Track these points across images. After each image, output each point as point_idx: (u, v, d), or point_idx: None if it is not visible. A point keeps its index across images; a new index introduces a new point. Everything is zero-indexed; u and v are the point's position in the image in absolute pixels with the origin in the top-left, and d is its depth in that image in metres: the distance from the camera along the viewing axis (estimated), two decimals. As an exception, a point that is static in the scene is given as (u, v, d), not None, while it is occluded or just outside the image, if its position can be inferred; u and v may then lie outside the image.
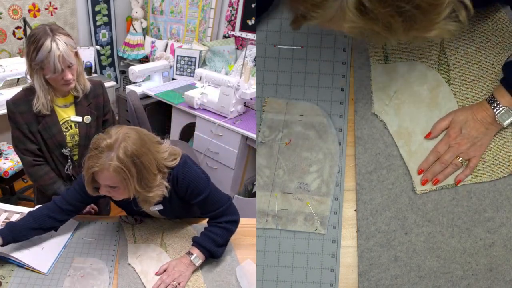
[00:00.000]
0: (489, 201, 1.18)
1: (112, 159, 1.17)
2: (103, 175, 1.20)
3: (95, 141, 1.21)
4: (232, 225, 1.38)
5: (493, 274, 1.17)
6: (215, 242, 1.34)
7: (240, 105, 2.78)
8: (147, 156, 1.23)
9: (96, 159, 1.18)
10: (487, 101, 1.13)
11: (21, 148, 1.61)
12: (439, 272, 1.17)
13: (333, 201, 1.20)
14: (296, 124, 1.22)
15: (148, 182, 1.24)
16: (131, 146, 1.19)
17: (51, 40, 1.43)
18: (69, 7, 3.75)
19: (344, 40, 1.23)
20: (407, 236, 1.18)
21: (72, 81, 1.52)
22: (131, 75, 3.45)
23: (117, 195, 1.28)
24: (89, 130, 1.66)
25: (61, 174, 1.68)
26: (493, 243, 1.17)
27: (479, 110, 1.14)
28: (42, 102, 1.53)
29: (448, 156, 1.16)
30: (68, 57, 1.46)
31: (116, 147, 1.18)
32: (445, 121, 1.17)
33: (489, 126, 1.13)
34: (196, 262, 1.32)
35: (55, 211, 1.39)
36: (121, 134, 1.21)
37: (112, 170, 1.17)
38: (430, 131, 1.19)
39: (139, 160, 1.20)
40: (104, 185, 1.24)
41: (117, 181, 1.21)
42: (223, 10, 3.63)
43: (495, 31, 1.20)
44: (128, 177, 1.19)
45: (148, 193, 1.26)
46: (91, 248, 1.41)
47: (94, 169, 1.19)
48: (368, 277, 1.18)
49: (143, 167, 1.21)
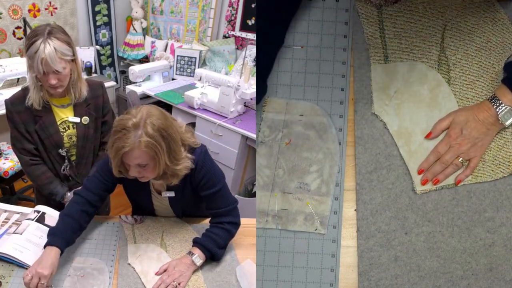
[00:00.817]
0: (489, 201, 1.18)
1: (142, 135, 1.18)
2: (134, 153, 1.20)
3: (120, 123, 1.21)
4: (233, 227, 1.39)
5: (493, 274, 1.17)
6: (216, 243, 1.34)
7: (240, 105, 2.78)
8: (172, 128, 1.26)
9: (125, 139, 1.19)
10: (489, 100, 1.13)
11: (19, 147, 1.61)
12: (439, 272, 1.17)
13: (333, 201, 1.20)
14: (296, 124, 1.22)
15: (176, 154, 1.26)
16: (157, 120, 1.21)
17: (42, 41, 1.41)
18: (69, 7, 3.75)
19: (344, 40, 1.23)
20: (407, 236, 1.18)
21: (58, 86, 1.49)
22: (131, 75, 3.45)
23: (147, 174, 1.28)
24: (87, 131, 1.66)
25: (58, 174, 1.68)
26: (493, 243, 1.17)
27: (481, 110, 1.14)
28: (33, 97, 1.53)
29: (449, 156, 1.16)
30: (52, 63, 1.42)
31: (142, 124, 1.19)
32: (445, 121, 1.17)
33: (491, 126, 1.13)
34: (197, 262, 1.32)
35: (84, 204, 1.39)
36: (144, 112, 1.22)
37: (144, 146, 1.19)
38: (431, 131, 1.19)
39: (167, 133, 1.22)
40: (134, 165, 1.24)
41: (148, 158, 1.22)
42: (223, 10, 3.63)
43: (495, 32, 1.20)
44: (159, 151, 1.21)
45: (176, 166, 1.27)
46: (91, 248, 1.41)
47: (125, 150, 1.19)
48: (368, 277, 1.18)
49: (171, 139, 1.24)
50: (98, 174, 1.42)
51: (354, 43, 1.23)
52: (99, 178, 1.42)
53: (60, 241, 1.28)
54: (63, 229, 1.32)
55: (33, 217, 1.48)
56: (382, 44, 1.22)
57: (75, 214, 1.36)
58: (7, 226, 1.49)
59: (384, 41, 1.22)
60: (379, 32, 1.22)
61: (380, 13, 1.22)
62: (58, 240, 1.28)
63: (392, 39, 1.22)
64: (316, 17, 1.24)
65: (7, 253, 1.32)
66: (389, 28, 1.22)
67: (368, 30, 1.22)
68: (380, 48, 1.22)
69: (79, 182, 1.72)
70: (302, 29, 1.23)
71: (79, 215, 1.36)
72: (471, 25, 1.20)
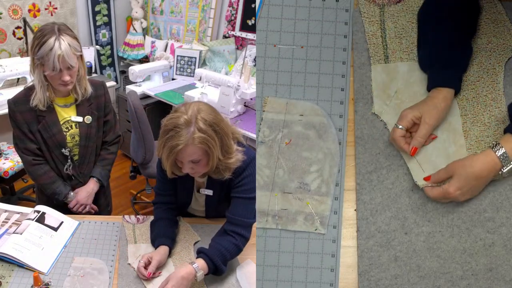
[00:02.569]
0: (489, 201, 1.18)
1: (195, 132, 1.19)
2: (188, 150, 1.21)
3: (171, 122, 1.21)
4: (243, 243, 1.36)
5: (493, 274, 1.17)
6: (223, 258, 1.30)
7: (240, 105, 2.78)
8: (223, 122, 1.27)
9: (178, 137, 1.19)
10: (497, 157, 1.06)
11: (21, 147, 1.61)
12: (439, 272, 1.17)
13: (333, 201, 1.20)
14: (296, 124, 1.22)
15: (228, 148, 1.28)
16: (208, 115, 1.22)
17: (55, 38, 1.44)
18: (69, 7, 3.75)
19: (344, 40, 1.23)
20: (407, 236, 1.18)
21: (70, 83, 1.52)
22: (131, 75, 3.45)
23: (200, 169, 1.29)
24: (90, 130, 1.66)
25: (61, 173, 1.68)
26: (493, 243, 1.17)
27: (483, 167, 1.07)
28: (39, 97, 1.53)
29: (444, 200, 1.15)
30: (68, 59, 1.46)
31: (194, 121, 1.20)
32: (445, 175, 1.13)
33: (489, 179, 1.11)
34: (199, 279, 1.27)
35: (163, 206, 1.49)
36: (194, 108, 1.23)
37: (198, 142, 1.19)
38: (431, 175, 1.15)
39: (219, 127, 1.23)
40: (188, 162, 1.25)
41: (202, 153, 1.23)
42: (223, 10, 3.63)
43: (496, 33, 1.20)
44: (212, 145, 1.22)
45: (228, 160, 1.29)
46: (91, 248, 1.41)
47: (179, 147, 1.19)
48: (368, 277, 1.18)
49: (223, 133, 1.25)
50: (160, 177, 1.47)
51: (354, 43, 1.23)
52: (165, 181, 1.46)
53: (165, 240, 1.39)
54: (160, 230, 1.42)
55: (33, 217, 1.48)
56: (383, 43, 1.22)
57: (163, 215, 1.46)
58: (7, 226, 1.49)
59: (385, 41, 1.22)
60: (380, 32, 1.22)
61: (382, 12, 1.22)
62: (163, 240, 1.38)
63: (393, 38, 1.22)
64: (316, 17, 1.24)
65: (7, 253, 1.32)
66: (390, 27, 1.22)
67: (370, 29, 1.22)
68: (381, 48, 1.22)
69: (81, 182, 1.73)
70: (302, 29, 1.23)
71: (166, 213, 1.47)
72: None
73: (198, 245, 1.44)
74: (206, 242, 1.41)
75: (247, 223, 1.35)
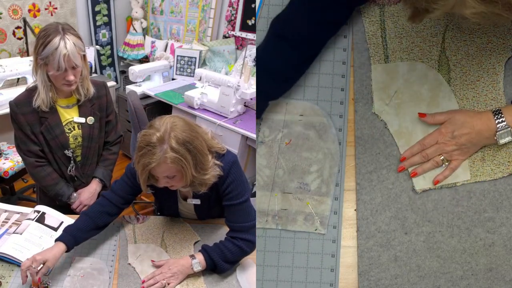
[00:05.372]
0: (489, 201, 1.18)
1: (167, 151, 1.18)
2: (161, 168, 1.20)
3: (144, 138, 1.21)
4: (248, 246, 1.32)
5: (493, 274, 1.17)
6: (223, 256, 1.30)
7: (240, 105, 2.78)
8: (198, 139, 1.24)
9: (150, 155, 1.18)
10: (492, 113, 1.11)
11: (24, 149, 1.61)
12: (439, 272, 1.17)
13: (333, 201, 1.20)
14: (296, 124, 1.22)
15: (203, 165, 1.26)
16: (181, 133, 1.20)
17: (60, 38, 1.43)
18: (69, 7, 3.75)
19: (344, 40, 1.23)
20: (407, 236, 1.18)
21: (74, 83, 1.52)
22: (131, 75, 3.45)
23: (175, 184, 1.28)
24: (92, 131, 1.66)
25: (64, 175, 1.68)
26: (493, 243, 1.17)
27: (480, 122, 1.11)
28: (42, 98, 1.53)
29: (431, 151, 1.15)
30: (74, 58, 1.45)
31: (167, 138, 1.18)
32: (442, 116, 1.16)
33: (483, 139, 1.12)
34: (195, 268, 1.29)
35: (107, 205, 1.41)
36: (168, 124, 1.21)
37: (169, 162, 1.18)
38: (427, 114, 1.17)
39: (192, 145, 1.21)
40: (163, 177, 1.25)
41: (175, 171, 1.22)
42: (223, 10, 3.63)
43: (496, 33, 1.20)
44: (185, 164, 1.20)
45: (204, 176, 1.27)
46: (91, 248, 1.41)
47: (152, 165, 1.19)
48: (368, 277, 1.18)
49: (197, 151, 1.23)
50: (126, 178, 1.43)
51: (354, 43, 1.23)
52: (127, 182, 1.42)
53: (67, 237, 1.30)
54: (75, 227, 1.35)
55: (33, 217, 1.48)
56: (383, 43, 1.22)
57: (93, 214, 1.39)
58: (7, 226, 1.49)
59: (385, 41, 1.22)
60: (380, 31, 1.22)
61: (382, 12, 1.22)
62: (66, 236, 1.30)
63: (393, 38, 1.22)
64: (316, 17, 1.23)
65: (7, 253, 1.32)
66: (390, 27, 1.22)
67: (370, 29, 1.22)
68: (381, 47, 1.22)
69: (84, 182, 1.73)
70: (302, 29, 1.23)
71: (97, 215, 1.38)
72: (472, 26, 1.20)
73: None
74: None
75: (247, 226, 1.33)
